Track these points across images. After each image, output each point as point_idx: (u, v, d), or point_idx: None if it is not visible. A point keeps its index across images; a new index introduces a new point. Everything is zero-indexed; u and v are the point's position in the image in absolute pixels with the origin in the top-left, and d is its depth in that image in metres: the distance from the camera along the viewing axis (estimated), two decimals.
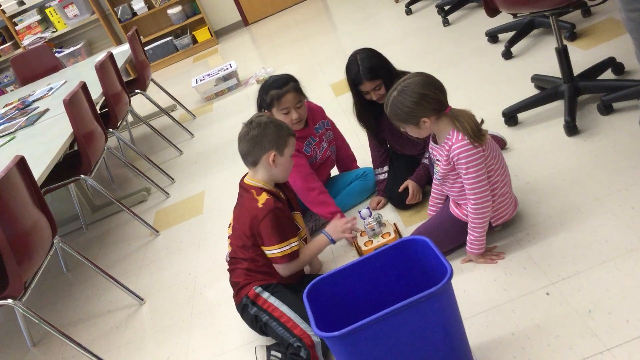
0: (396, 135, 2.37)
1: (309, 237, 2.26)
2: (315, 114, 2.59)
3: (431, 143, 2.00)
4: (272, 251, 2.00)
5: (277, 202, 2.00)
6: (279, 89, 2.37)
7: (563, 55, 2.50)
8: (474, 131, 1.84)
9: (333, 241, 2.13)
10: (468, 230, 1.96)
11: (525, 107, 2.67)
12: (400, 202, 2.43)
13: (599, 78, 2.66)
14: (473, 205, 1.90)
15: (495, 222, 2.00)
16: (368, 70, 2.27)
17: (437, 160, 1.96)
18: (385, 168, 2.58)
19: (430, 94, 1.83)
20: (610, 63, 2.67)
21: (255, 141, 1.97)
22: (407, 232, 2.31)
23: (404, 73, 2.34)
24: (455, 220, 2.03)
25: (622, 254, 1.80)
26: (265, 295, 1.98)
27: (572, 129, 2.43)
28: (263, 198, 1.99)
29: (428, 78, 1.87)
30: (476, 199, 1.88)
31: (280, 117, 2.38)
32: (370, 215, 2.28)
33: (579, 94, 2.55)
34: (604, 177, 2.14)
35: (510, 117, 2.69)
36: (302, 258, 2.08)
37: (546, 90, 2.68)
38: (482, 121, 1.89)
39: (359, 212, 2.31)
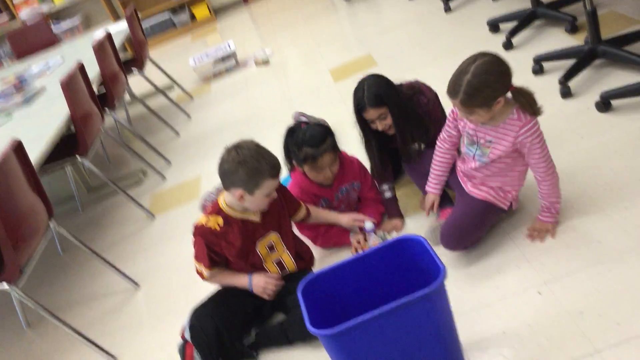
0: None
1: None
2: (346, 173, 2.33)
3: (481, 125, 1.89)
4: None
5: (213, 232, 1.97)
6: (315, 147, 2.14)
7: (592, 17, 2.62)
8: (535, 105, 1.82)
9: (251, 288, 2.05)
10: (549, 202, 1.95)
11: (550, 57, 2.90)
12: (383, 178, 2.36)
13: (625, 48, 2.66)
14: (551, 179, 1.90)
15: (515, 205, 2.06)
16: (373, 96, 2.13)
17: (491, 141, 1.88)
18: (390, 184, 2.38)
19: (507, 70, 1.76)
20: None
21: (226, 175, 1.89)
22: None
23: (411, 100, 2.22)
24: (483, 203, 2.02)
25: (615, 256, 1.82)
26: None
27: (565, 92, 2.65)
28: (206, 219, 1.98)
29: (494, 56, 1.76)
30: (552, 171, 1.89)
31: (312, 174, 2.24)
32: (374, 232, 2.19)
33: (594, 58, 2.71)
34: (599, 177, 2.15)
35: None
36: (219, 281, 2.13)
37: (573, 47, 2.89)
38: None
39: (364, 226, 2.21)
